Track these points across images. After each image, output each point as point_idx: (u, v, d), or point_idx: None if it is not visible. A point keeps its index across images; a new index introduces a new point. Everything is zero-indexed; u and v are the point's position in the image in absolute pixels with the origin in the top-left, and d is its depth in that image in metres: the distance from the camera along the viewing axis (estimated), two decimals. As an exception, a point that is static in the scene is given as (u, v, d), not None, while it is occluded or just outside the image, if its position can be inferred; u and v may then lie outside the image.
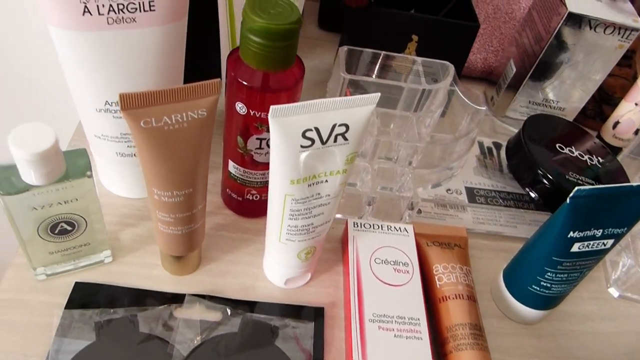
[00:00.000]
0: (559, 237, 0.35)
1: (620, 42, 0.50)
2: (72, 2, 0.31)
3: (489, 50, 0.63)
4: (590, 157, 0.48)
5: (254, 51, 0.33)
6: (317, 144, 0.30)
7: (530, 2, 0.61)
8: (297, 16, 0.33)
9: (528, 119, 0.50)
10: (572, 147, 0.48)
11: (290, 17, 0.32)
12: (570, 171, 0.45)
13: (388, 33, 0.51)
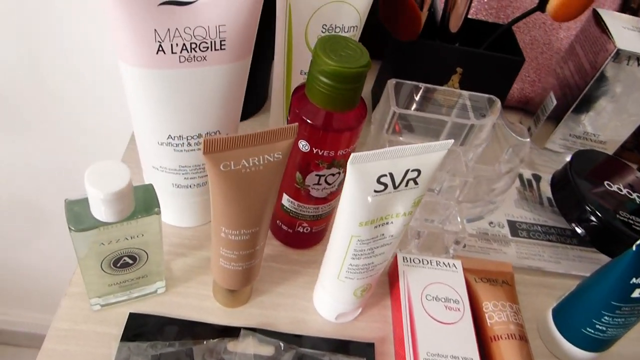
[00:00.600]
0: (620, 282, 0.35)
1: (666, 79, 0.50)
2: (148, 41, 0.31)
3: (526, 80, 0.63)
4: (639, 195, 0.48)
5: (321, 92, 0.33)
6: (390, 188, 0.31)
7: (569, 34, 0.62)
8: (366, 59, 0.33)
9: (575, 154, 0.50)
10: (620, 184, 0.48)
11: (361, 61, 0.33)
12: (620, 210, 0.45)
13: (433, 65, 0.52)
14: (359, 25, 0.42)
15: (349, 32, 0.41)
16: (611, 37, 0.49)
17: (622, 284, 0.35)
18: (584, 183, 0.47)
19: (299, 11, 0.39)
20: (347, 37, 0.34)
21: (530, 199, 0.54)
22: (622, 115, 0.54)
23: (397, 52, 0.52)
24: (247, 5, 0.33)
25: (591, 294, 0.38)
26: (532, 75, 0.63)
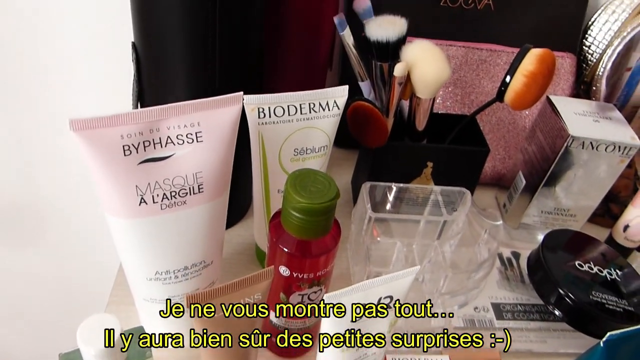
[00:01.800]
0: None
1: (621, 158, 0.53)
2: (130, 196, 0.34)
3: (497, 158, 0.66)
4: (609, 272, 0.50)
5: (295, 224, 0.36)
6: (364, 318, 0.33)
7: (531, 112, 0.65)
8: (335, 191, 0.36)
9: (546, 236, 0.52)
10: (590, 262, 0.50)
11: (329, 194, 0.35)
12: (592, 290, 0.47)
13: (405, 162, 0.55)
14: (329, 144, 0.45)
15: (320, 152, 0.44)
16: (565, 124, 0.53)
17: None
18: (557, 265, 0.49)
19: (271, 140, 0.42)
20: (316, 171, 0.37)
21: (512, 278, 0.56)
22: (587, 189, 0.57)
23: (369, 154, 0.55)
24: (222, 151, 0.36)
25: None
26: (502, 152, 0.66)
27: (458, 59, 0.65)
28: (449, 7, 0.66)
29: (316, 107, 0.42)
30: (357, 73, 0.50)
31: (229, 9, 0.40)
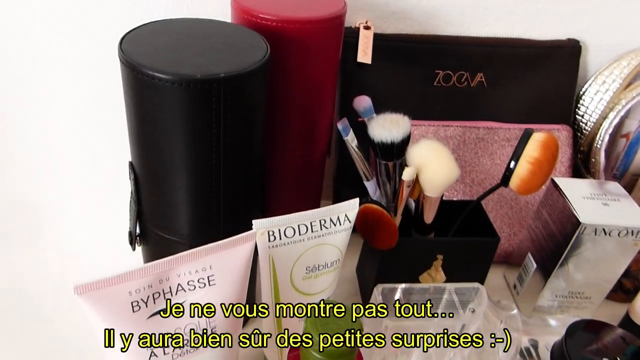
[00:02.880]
0: None
1: (635, 241, 0.52)
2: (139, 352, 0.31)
3: (502, 236, 0.65)
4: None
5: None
6: None
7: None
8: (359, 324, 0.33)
9: (568, 329, 0.50)
10: (616, 356, 0.48)
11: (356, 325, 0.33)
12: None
13: (414, 256, 0.53)
14: (341, 257, 0.43)
15: (332, 267, 0.42)
16: (575, 210, 0.52)
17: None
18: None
19: (282, 261, 0.40)
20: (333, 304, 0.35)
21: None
22: (601, 272, 0.55)
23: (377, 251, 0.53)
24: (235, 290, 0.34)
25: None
26: (507, 230, 0.65)
27: (456, 139, 0.64)
28: (443, 86, 0.65)
29: (327, 223, 0.40)
30: (362, 173, 0.49)
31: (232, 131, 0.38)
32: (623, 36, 0.68)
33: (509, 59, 0.66)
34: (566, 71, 0.68)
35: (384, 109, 0.64)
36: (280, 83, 0.49)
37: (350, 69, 0.62)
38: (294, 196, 0.58)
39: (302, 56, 0.48)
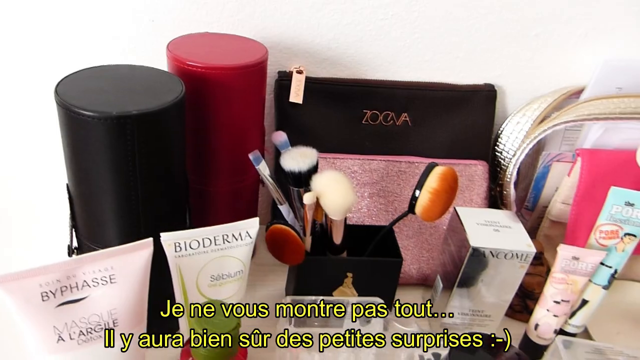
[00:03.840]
0: None
1: (521, 264, 0.59)
2: (48, 334, 0.38)
3: (421, 260, 0.71)
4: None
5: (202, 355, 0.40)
6: None
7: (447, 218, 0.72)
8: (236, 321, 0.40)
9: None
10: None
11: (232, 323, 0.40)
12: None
13: (327, 274, 0.60)
14: (244, 268, 0.50)
15: (236, 276, 0.49)
16: (467, 235, 0.59)
17: None
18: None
19: (188, 270, 0.47)
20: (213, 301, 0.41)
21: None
22: (496, 291, 0.61)
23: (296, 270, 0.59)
24: (134, 289, 0.41)
25: None
26: (426, 255, 0.72)
27: (380, 172, 0.72)
28: (371, 124, 0.73)
29: (229, 238, 0.48)
30: (276, 198, 0.56)
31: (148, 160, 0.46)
32: (536, 82, 0.77)
33: (432, 101, 0.74)
34: (483, 112, 0.75)
35: (316, 143, 0.72)
36: (209, 120, 0.57)
37: (285, 108, 0.70)
38: (228, 219, 0.65)
39: (227, 97, 0.56)
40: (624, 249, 0.58)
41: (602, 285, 0.60)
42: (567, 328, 0.64)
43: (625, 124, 0.68)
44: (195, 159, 0.60)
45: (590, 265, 0.57)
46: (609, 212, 0.57)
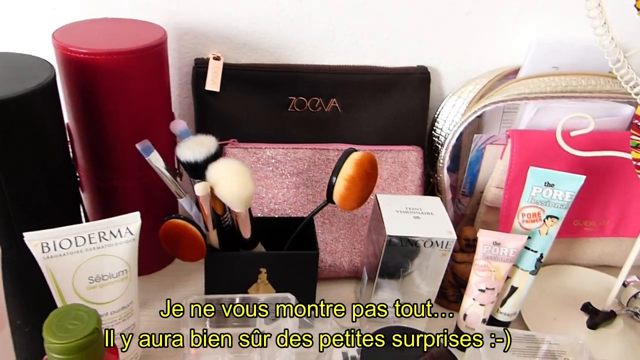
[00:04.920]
0: None
1: (442, 252, 0.56)
2: None
3: (353, 252, 0.68)
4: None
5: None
6: None
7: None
8: (92, 327, 0.37)
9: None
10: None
11: (86, 330, 0.36)
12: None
13: (238, 271, 0.56)
14: (128, 267, 0.46)
15: (119, 276, 0.46)
16: (384, 223, 0.55)
17: None
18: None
19: (61, 272, 0.43)
20: (79, 306, 0.38)
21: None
22: (420, 282, 0.58)
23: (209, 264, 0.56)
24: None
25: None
26: (358, 246, 0.68)
27: (306, 161, 0.68)
28: (297, 111, 0.70)
29: (107, 236, 0.44)
30: (175, 191, 0.53)
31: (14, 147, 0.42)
32: (471, 63, 0.73)
33: (361, 86, 0.70)
34: (417, 96, 0.72)
35: (238, 133, 0.69)
36: (103, 109, 0.54)
37: (204, 97, 0.67)
38: (143, 216, 0.61)
39: (120, 84, 0.53)
40: (547, 232, 0.55)
41: (529, 271, 0.57)
42: (499, 316, 0.61)
43: (556, 103, 0.65)
44: (94, 152, 0.56)
45: (512, 250, 0.54)
46: (530, 194, 0.54)
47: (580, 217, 0.69)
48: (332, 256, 0.68)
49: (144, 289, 0.64)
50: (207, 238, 0.53)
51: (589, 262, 0.74)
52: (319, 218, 0.67)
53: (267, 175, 0.67)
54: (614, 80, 0.64)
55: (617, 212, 0.70)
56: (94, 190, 0.59)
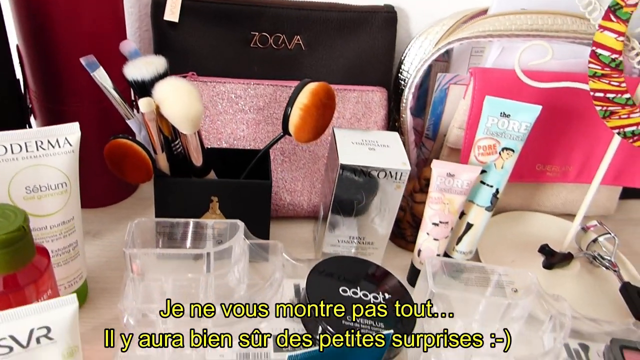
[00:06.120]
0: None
1: (397, 184, 0.55)
2: None
3: (313, 192, 0.67)
4: (375, 295, 0.50)
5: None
6: (18, 349, 0.32)
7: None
8: (18, 224, 0.36)
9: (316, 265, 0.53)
10: (357, 287, 0.51)
11: (11, 226, 0.36)
12: (347, 315, 0.47)
13: (189, 198, 0.55)
14: (68, 180, 0.45)
15: (59, 189, 0.45)
16: (338, 153, 0.55)
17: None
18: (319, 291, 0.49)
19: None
20: (7, 205, 0.37)
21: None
22: (381, 218, 0.58)
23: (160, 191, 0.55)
24: None
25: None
26: (318, 186, 0.68)
27: (267, 97, 0.67)
28: (260, 48, 0.68)
29: (44, 145, 0.43)
30: (123, 113, 0.52)
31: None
32: (440, 3, 0.72)
33: (326, 23, 0.69)
34: (383, 36, 0.71)
35: (198, 67, 0.68)
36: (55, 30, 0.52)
37: (163, 28, 0.65)
38: (98, 144, 0.60)
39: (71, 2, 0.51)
40: (503, 166, 0.54)
41: (484, 207, 0.57)
42: (454, 255, 0.61)
43: (522, 42, 0.63)
44: (44, 73, 0.55)
45: (465, 182, 0.54)
46: (485, 125, 0.54)
47: (543, 162, 0.69)
48: (291, 195, 0.67)
49: (99, 220, 0.64)
50: (156, 162, 0.52)
51: (553, 209, 0.74)
52: (278, 156, 0.67)
53: (226, 110, 0.66)
54: (582, 20, 0.63)
55: (581, 157, 0.69)
56: (46, 115, 0.58)
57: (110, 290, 0.55)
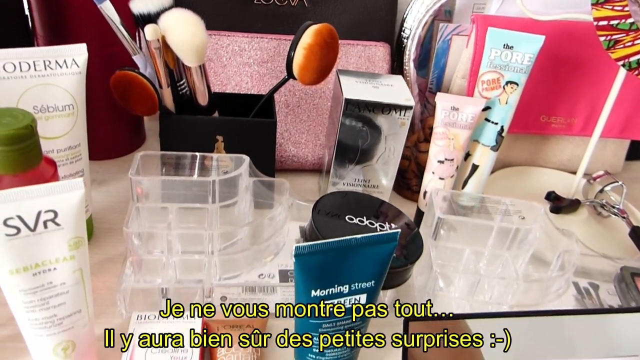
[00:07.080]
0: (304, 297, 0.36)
1: (401, 120, 0.55)
2: None
3: (317, 144, 0.68)
4: (381, 225, 0.50)
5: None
6: (25, 231, 0.32)
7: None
8: (27, 122, 0.36)
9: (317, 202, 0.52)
10: (362, 216, 0.50)
11: (20, 124, 0.36)
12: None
13: (194, 136, 0.56)
14: (74, 103, 0.45)
15: (66, 111, 0.45)
16: (342, 90, 0.55)
17: (307, 299, 0.36)
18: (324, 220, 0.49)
19: (5, 96, 0.43)
20: (15, 108, 0.38)
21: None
22: (386, 160, 0.58)
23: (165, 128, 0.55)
24: None
25: (297, 319, 0.39)
26: (322, 139, 0.68)
27: (270, 50, 0.68)
28: (263, 4, 0.69)
29: (52, 65, 0.44)
30: (129, 48, 0.52)
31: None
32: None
33: (330, -20, 0.70)
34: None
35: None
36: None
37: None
38: (104, 100, 0.60)
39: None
40: (507, 101, 0.55)
41: (490, 146, 0.57)
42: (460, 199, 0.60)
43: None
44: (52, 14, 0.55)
45: (470, 116, 0.54)
46: (488, 58, 0.54)
47: (547, 113, 0.69)
48: (295, 147, 0.67)
49: (105, 170, 0.64)
50: (161, 97, 0.52)
51: (559, 165, 0.74)
52: (282, 109, 0.67)
53: (230, 62, 0.66)
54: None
55: (586, 109, 0.69)
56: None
57: (115, 230, 0.55)
